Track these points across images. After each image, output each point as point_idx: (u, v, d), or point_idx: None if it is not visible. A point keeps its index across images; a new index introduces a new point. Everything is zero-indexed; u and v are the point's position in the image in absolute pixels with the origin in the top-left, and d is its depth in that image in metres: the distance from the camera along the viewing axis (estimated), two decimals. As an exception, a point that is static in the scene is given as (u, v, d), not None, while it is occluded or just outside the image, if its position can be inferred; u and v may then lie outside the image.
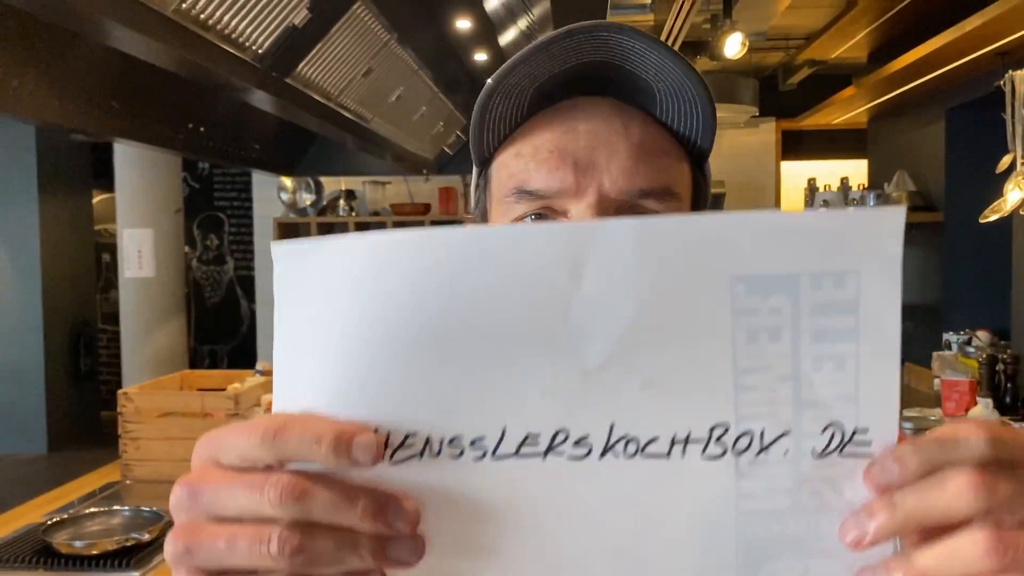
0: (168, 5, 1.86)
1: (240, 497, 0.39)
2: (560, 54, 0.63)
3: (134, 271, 5.33)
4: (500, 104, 0.65)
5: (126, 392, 2.84)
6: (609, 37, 0.62)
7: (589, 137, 0.64)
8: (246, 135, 4.16)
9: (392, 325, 0.43)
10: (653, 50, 0.62)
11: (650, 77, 0.64)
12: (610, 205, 0.63)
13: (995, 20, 2.87)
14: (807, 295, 0.41)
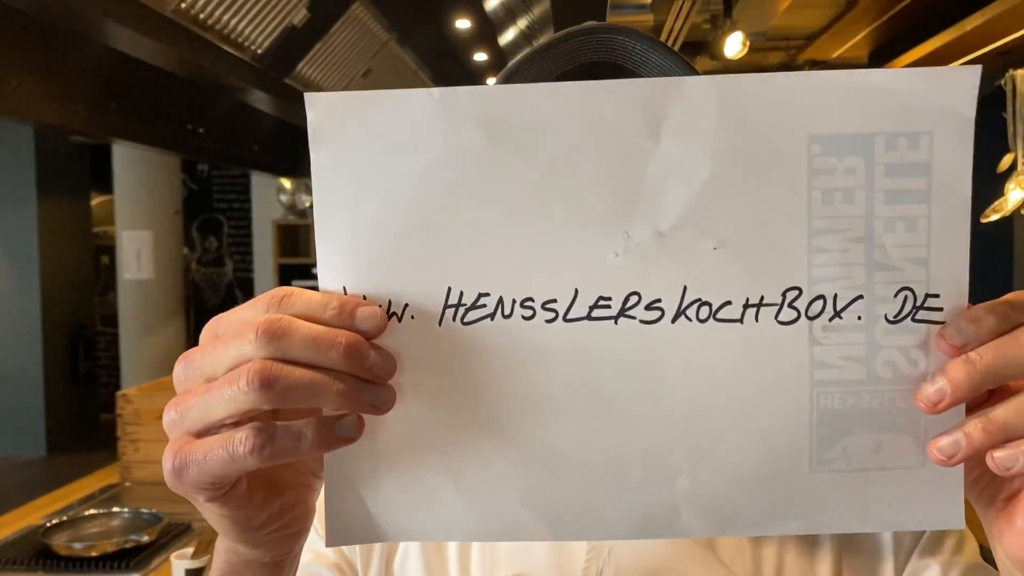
0: (167, 5, 1.86)
1: (230, 349, 0.40)
2: (562, 56, 0.65)
3: (133, 273, 5.33)
4: None
5: (125, 394, 2.83)
6: (609, 39, 0.64)
7: None
8: (245, 136, 4.15)
9: (462, 182, 0.42)
10: (653, 51, 0.64)
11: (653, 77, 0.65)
12: None
13: (995, 19, 2.87)
14: (881, 155, 0.42)
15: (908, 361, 0.42)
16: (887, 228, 0.42)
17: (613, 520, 0.45)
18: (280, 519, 0.46)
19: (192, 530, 2.29)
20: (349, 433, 0.41)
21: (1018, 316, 0.40)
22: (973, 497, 0.46)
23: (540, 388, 0.43)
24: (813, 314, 0.42)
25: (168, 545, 2.18)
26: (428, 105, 0.42)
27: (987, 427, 0.39)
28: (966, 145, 0.42)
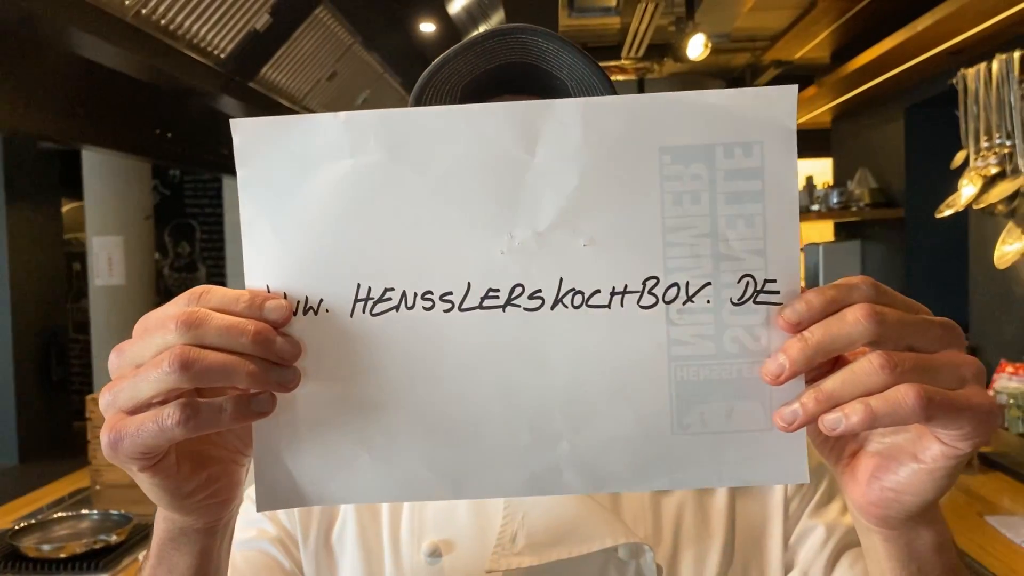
0: (128, 11, 1.88)
1: (155, 338, 0.46)
2: (484, 54, 0.70)
3: (104, 279, 5.31)
4: (432, 99, 0.71)
5: (95, 397, 2.83)
6: (527, 39, 0.68)
7: None
8: (215, 140, 4.16)
9: (368, 193, 0.49)
10: (565, 50, 0.69)
11: (564, 75, 0.71)
12: None
13: (946, 19, 2.94)
14: (721, 162, 0.49)
15: (752, 338, 0.49)
16: (729, 224, 0.49)
17: (506, 480, 0.50)
18: (207, 489, 0.52)
19: (161, 530, 2.31)
20: (263, 408, 0.47)
21: (844, 298, 0.46)
22: (825, 456, 0.52)
23: (440, 368, 0.50)
24: (669, 299, 0.49)
25: (138, 545, 2.20)
26: (336, 127, 0.49)
27: (818, 397, 0.45)
28: (790, 152, 0.49)
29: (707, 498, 0.76)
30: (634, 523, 0.73)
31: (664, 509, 0.75)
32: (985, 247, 3.29)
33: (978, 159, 3.07)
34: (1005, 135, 2.93)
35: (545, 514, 0.70)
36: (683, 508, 0.75)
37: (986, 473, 2.70)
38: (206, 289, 0.48)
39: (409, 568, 0.72)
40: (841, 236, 5.10)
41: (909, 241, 4.15)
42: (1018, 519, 2.20)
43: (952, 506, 2.43)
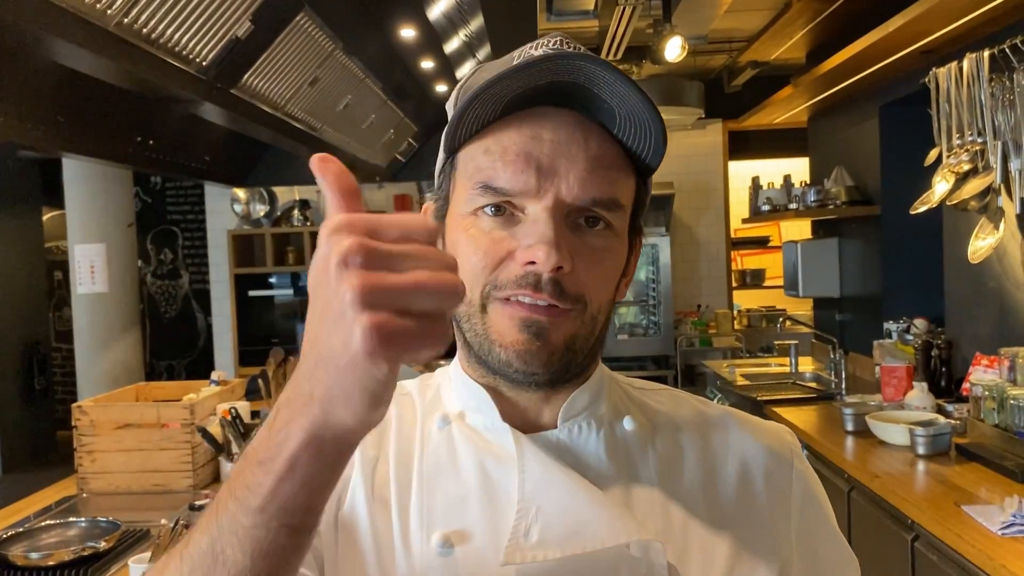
0: (110, 20, 1.90)
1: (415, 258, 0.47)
2: (539, 75, 0.70)
3: (87, 287, 5.29)
4: (478, 107, 0.72)
5: (80, 405, 2.84)
6: (584, 66, 0.69)
7: (553, 146, 0.71)
8: (196, 147, 4.16)
9: None
10: (620, 81, 0.69)
11: (614, 103, 0.71)
12: (564, 208, 0.70)
13: (916, 20, 2.99)
14: None
15: None
16: None
17: None
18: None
19: (150, 536, 2.32)
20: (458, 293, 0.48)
21: None
22: None
23: None
24: None
25: (126, 552, 2.21)
26: None
27: None
28: None
29: (716, 497, 0.77)
30: (645, 520, 0.73)
31: (674, 506, 0.76)
32: (959, 243, 3.36)
33: (951, 156, 3.13)
34: (976, 132, 2.99)
35: (558, 509, 0.71)
36: (692, 505, 0.76)
37: (963, 463, 2.75)
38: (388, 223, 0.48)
39: (420, 559, 0.71)
40: (819, 234, 5.16)
41: (885, 238, 4.21)
42: (994, 508, 2.25)
43: (930, 496, 2.48)
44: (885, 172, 4.17)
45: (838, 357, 4.11)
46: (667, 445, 0.79)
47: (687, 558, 0.73)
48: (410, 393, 0.84)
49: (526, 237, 0.69)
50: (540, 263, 0.68)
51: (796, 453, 0.83)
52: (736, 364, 5.22)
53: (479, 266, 0.71)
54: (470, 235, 0.73)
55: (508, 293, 0.70)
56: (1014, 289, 3.16)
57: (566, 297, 0.70)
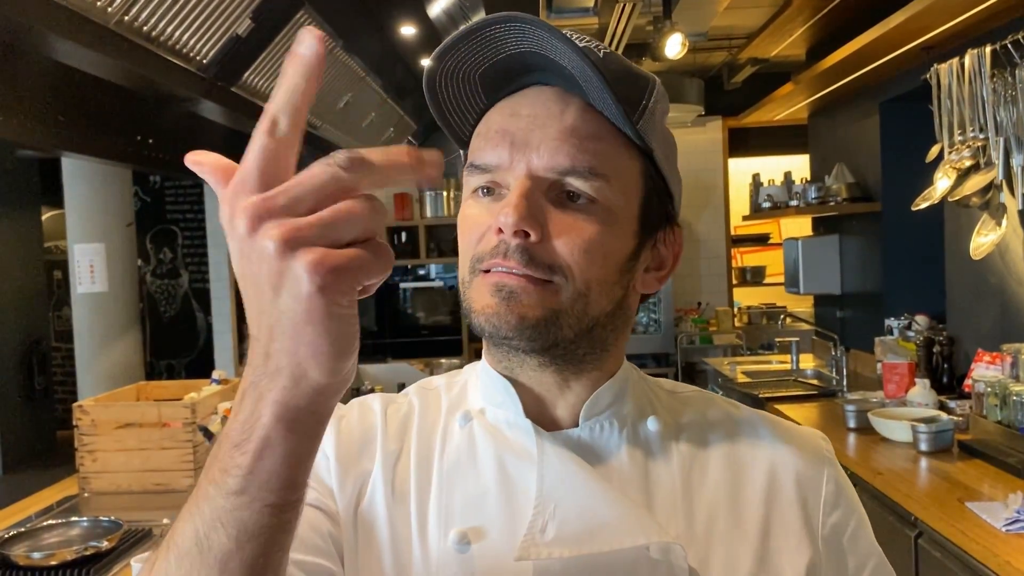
0: (110, 18, 1.89)
1: (317, 184, 0.45)
2: (488, 42, 0.70)
3: (87, 286, 5.28)
4: (448, 87, 0.73)
5: (81, 405, 2.83)
6: (525, 28, 0.68)
7: (528, 120, 0.71)
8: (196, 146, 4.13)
9: None
10: (556, 38, 0.67)
11: (567, 64, 0.69)
12: (538, 181, 0.70)
13: (918, 15, 2.99)
14: None
15: None
16: None
17: None
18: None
19: (152, 535, 2.31)
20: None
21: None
22: None
23: None
24: None
25: (128, 551, 2.20)
26: None
27: None
28: None
29: (741, 501, 0.76)
30: (667, 521, 0.72)
31: (697, 509, 0.74)
32: (960, 239, 3.35)
33: (952, 152, 3.12)
34: (978, 128, 2.98)
35: (577, 507, 0.70)
36: (716, 509, 0.75)
37: (966, 460, 2.74)
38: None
39: (436, 555, 0.71)
40: (819, 231, 5.16)
41: (886, 234, 4.20)
42: (997, 504, 2.25)
43: (933, 493, 2.47)
44: (886, 169, 4.16)
45: (839, 354, 4.11)
46: (693, 447, 0.78)
47: (709, 563, 0.71)
48: (437, 388, 0.84)
49: (500, 209, 0.70)
50: (504, 228, 0.68)
51: (829, 459, 0.81)
52: (737, 361, 5.22)
53: (468, 242, 0.73)
54: (462, 216, 0.75)
55: (485, 264, 0.71)
56: (1016, 285, 3.15)
57: (537, 266, 0.69)
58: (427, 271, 6.57)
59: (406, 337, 6.52)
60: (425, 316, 6.59)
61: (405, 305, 6.61)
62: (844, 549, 0.78)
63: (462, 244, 0.75)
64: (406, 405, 0.82)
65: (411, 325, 6.58)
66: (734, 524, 0.74)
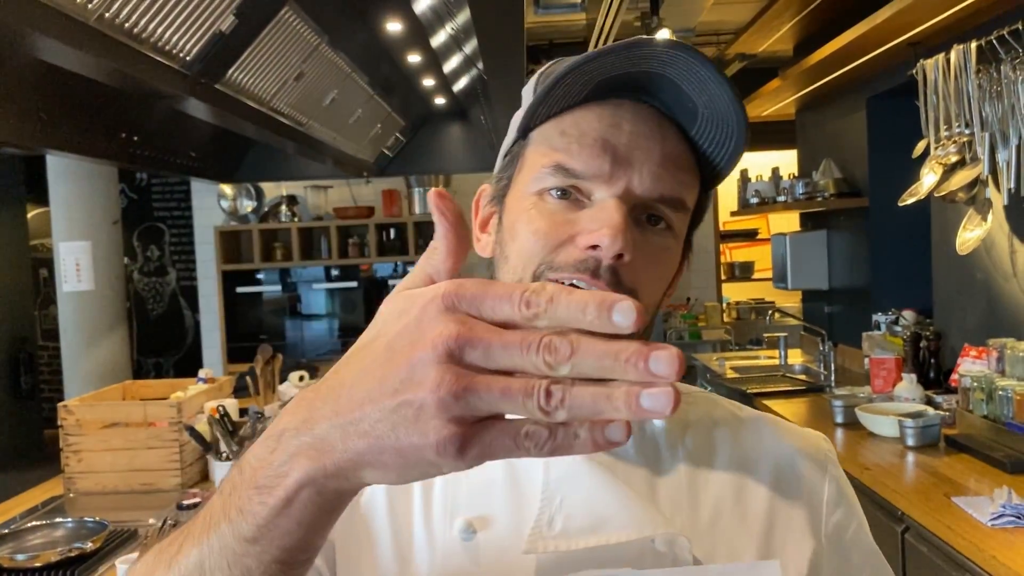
0: (91, 15, 1.87)
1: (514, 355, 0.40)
2: (634, 59, 0.68)
3: (72, 284, 5.25)
4: (566, 86, 0.70)
5: (66, 404, 2.81)
6: (679, 56, 0.67)
7: (631, 137, 0.71)
8: (182, 143, 4.13)
9: None
10: (713, 80, 0.68)
11: (702, 103, 0.70)
12: (632, 200, 0.70)
13: (905, 11, 2.99)
14: None
15: None
16: None
17: None
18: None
19: (137, 535, 2.30)
20: (617, 438, 0.40)
21: None
22: None
23: None
24: None
25: (113, 552, 2.19)
26: None
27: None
28: None
29: (746, 497, 0.76)
30: (671, 514, 0.73)
31: (702, 502, 0.75)
32: (947, 234, 3.36)
33: (939, 148, 3.13)
34: (964, 124, 2.99)
35: (583, 499, 0.70)
36: (721, 503, 0.76)
37: (952, 455, 2.76)
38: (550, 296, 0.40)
39: (441, 544, 0.71)
40: (807, 226, 5.17)
41: (873, 230, 4.21)
42: (983, 499, 2.26)
43: (920, 487, 2.48)
44: (873, 164, 4.17)
45: (827, 349, 4.12)
46: (698, 443, 0.79)
47: (714, 555, 0.72)
48: None
49: (591, 222, 0.68)
50: (604, 248, 0.67)
51: (831, 459, 0.82)
52: (725, 357, 5.23)
53: (537, 245, 0.70)
54: (531, 215, 0.72)
55: (564, 276, 0.69)
56: (1002, 280, 3.17)
57: (621, 289, 0.68)
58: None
59: (395, 334, 6.49)
60: (414, 313, 6.56)
61: (394, 302, 6.58)
62: (846, 548, 0.79)
63: (526, 241, 0.71)
64: None
65: (400, 322, 6.56)
66: (739, 519, 0.75)
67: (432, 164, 5.82)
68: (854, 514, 0.81)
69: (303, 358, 5.63)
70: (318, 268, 6.52)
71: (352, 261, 6.42)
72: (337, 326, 6.62)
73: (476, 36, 2.12)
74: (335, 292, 6.59)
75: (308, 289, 6.59)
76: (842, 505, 0.80)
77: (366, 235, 6.38)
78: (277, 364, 3.51)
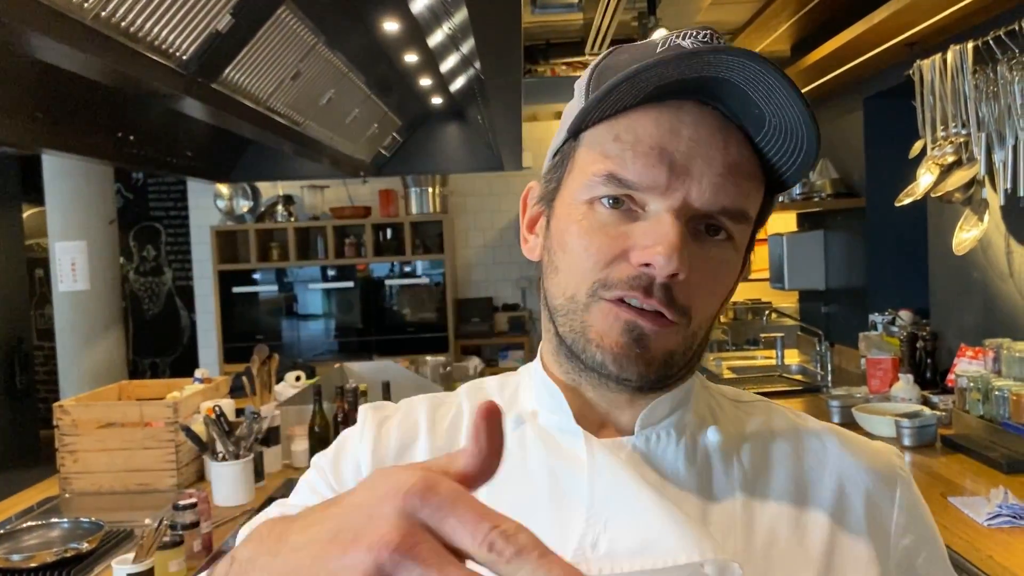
0: (87, 13, 1.87)
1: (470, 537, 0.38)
2: (692, 67, 0.64)
3: (68, 284, 5.24)
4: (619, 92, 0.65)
5: (62, 405, 2.81)
6: (745, 63, 0.63)
7: (690, 145, 0.65)
8: (178, 143, 4.12)
9: None
10: (783, 87, 0.64)
11: (769, 111, 0.66)
12: (689, 212, 0.66)
13: (901, 11, 3.00)
14: None
15: None
16: None
17: None
18: None
19: (133, 536, 2.29)
20: None
21: None
22: None
23: None
24: None
25: (109, 552, 2.19)
26: None
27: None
28: None
29: (805, 519, 0.71)
30: (724, 538, 0.68)
31: (757, 526, 0.70)
32: (943, 234, 3.36)
33: (935, 148, 3.13)
34: (960, 124, 2.99)
35: (629, 521, 0.66)
36: (778, 526, 0.70)
37: (948, 455, 2.76)
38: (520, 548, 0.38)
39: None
40: (804, 226, 5.17)
41: (870, 230, 4.22)
42: (979, 499, 2.26)
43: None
44: (870, 164, 4.17)
45: (824, 349, 4.12)
46: (755, 460, 0.74)
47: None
48: (488, 388, 0.82)
49: (644, 236, 0.65)
50: (658, 267, 0.64)
51: (902, 477, 0.76)
52: (722, 357, 5.23)
53: (590, 261, 0.67)
54: (582, 226, 0.68)
55: (617, 294, 0.66)
56: (998, 280, 3.17)
57: (674, 307, 0.66)
58: (413, 268, 6.55)
59: (391, 334, 6.50)
60: (411, 313, 6.56)
61: (391, 302, 6.58)
62: (918, 573, 0.73)
63: (578, 257, 0.68)
64: (455, 406, 0.80)
65: (396, 322, 6.56)
66: (796, 543, 0.69)
67: (429, 164, 5.81)
68: (928, 537, 0.75)
69: (299, 358, 5.62)
70: (314, 268, 6.51)
71: (349, 261, 6.41)
72: (333, 326, 6.61)
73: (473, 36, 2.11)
74: (331, 292, 6.59)
75: (304, 289, 6.59)
76: (913, 528, 0.74)
77: (363, 235, 6.38)
78: (273, 364, 3.50)
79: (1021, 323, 3.04)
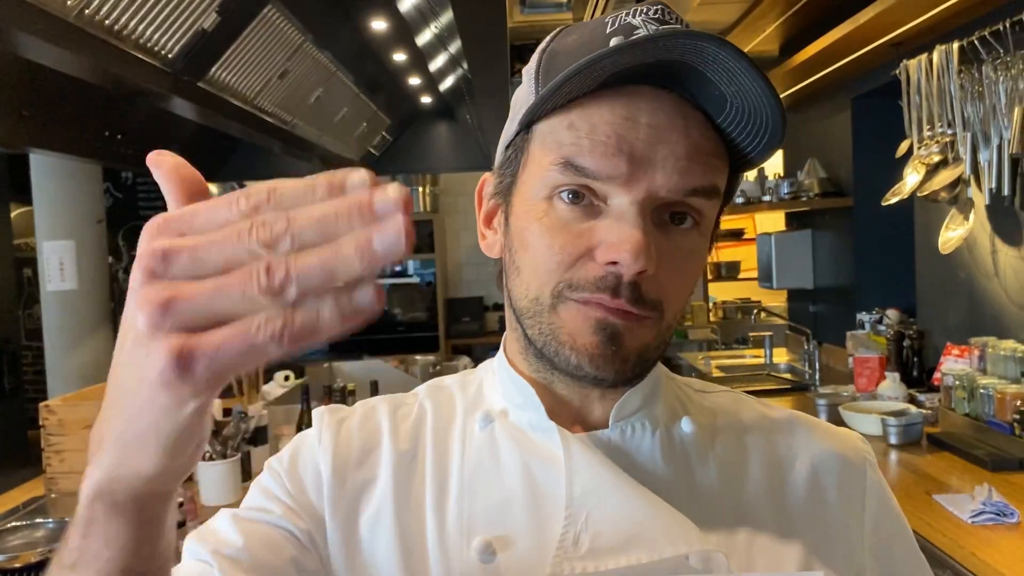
0: (69, 11, 1.86)
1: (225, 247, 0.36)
2: (654, 51, 0.61)
3: (56, 284, 5.21)
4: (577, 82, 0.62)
5: (48, 404, 2.79)
6: (704, 46, 0.60)
7: (649, 132, 0.63)
8: (166, 141, 4.11)
9: None
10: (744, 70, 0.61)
11: (730, 93, 0.63)
12: (655, 203, 0.64)
13: (887, 11, 3.01)
14: None
15: None
16: None
17: None
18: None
19: (119, 536, 2.28)
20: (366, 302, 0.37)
21: None
22: None
23: None
24: None
25: (95, 552, 2.18)
26: None
27: None
28: None
29: (784, 506, 0.72)
30: (707, 528, 0.67)
31: (738, 515, 0.70)
32: (930, 234, 3.38)
33: (921, 148, 3.15)
34: (946, 124, 3.01)
35: (611, 515, 0.65)
36: (758, 515, 0.70)
37: (934, 453, 2.77)
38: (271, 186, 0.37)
39: (459, 567, 0.65)
40: (792, 226, 5.19)
41: (858, 229, 4.23)
42: (964, 496, 2.27)
43: (902, 485, 2.49)
44: (857, 164, 4.19)
45: (812, 348, 4.14)
46: (729, 449, 0.74)
47: (752, 571, 0.67)
48: (448, 387, 0.79)
49: (609, 233, 0.62)
50: (624, 265, 0.62)
51: (870, 461, 0.78)
52: (711, 356, 5.24)
53: (554, 262, 0.65)
54: (543, 224, 0.65)
55: (585, 296, 0.64)
56: (984, 279, 3.19)
57: (644, 303, 0.64)
58: (404, 267, 6.54)
59: (381, 334, 6.49)
60: (402, 312, 6.56)
61: (381, 301, 6.58)
62: (891, 555, 0.75)
63: (542, 256, 0.65)
64: (416, 407, 0.77)
65: (387, 322, 6.55)
66: (777, 529, 0.70)
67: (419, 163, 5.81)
68: (896, 518, 0.77)
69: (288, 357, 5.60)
70: (304, 267, 6.49)
71: (339, 260, 6.39)
72: (324, 325, 6.60)
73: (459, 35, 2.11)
74: (321, 291, 6.57)
75: (294, 288, 6.57)
76: (885, 514, 0.76)
77: (353, 234, 6.36)
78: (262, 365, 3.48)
79: (1006, 322, 3.06)
